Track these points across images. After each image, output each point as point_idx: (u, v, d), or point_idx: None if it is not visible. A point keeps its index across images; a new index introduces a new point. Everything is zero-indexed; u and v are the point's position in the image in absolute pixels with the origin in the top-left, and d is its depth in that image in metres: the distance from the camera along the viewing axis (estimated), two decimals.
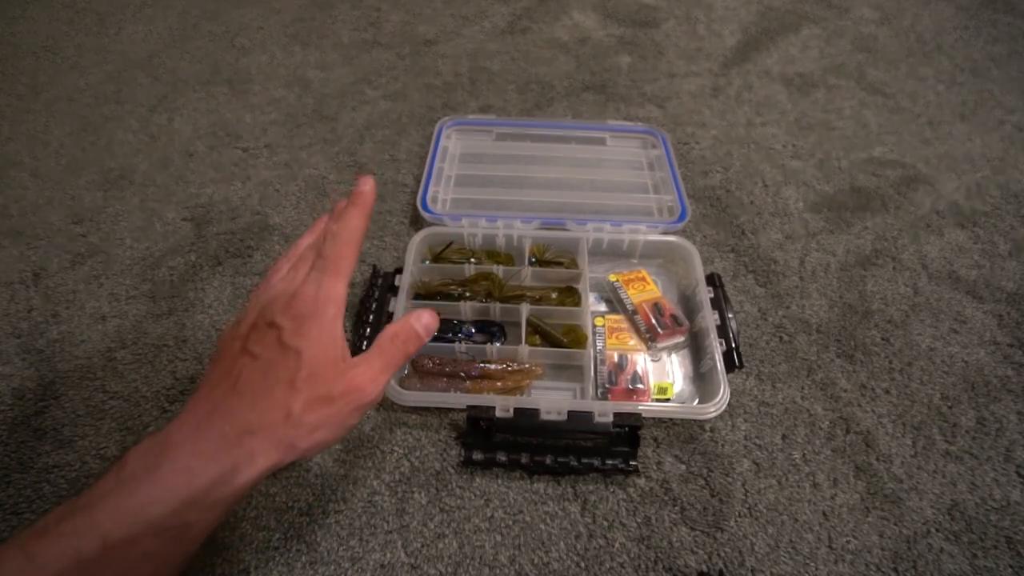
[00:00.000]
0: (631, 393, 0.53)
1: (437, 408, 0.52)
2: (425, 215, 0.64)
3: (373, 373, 0.35)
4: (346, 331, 0.55)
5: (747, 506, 0.47)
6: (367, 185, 0.39)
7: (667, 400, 0.53)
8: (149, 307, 0.59)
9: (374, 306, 0.56)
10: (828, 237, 0.67)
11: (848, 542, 0.45)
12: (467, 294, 0.58)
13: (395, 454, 0.49)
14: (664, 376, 0.55)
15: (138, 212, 0.69)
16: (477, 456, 0.48)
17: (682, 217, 0.64)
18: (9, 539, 0.28)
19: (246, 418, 0.31)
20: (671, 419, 0.52)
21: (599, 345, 0.56)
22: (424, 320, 0.38)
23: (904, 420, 0.53)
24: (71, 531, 0.27)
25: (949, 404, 0.54)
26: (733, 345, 0.53)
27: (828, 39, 0.97)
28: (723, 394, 0.49)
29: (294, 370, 0.32)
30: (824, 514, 0.47)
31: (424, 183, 0.67)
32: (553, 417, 0.47)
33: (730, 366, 0.52)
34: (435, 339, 0.56)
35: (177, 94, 0.84)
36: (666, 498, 0.48)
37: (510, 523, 0.46)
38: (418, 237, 0.60)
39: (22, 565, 0.26)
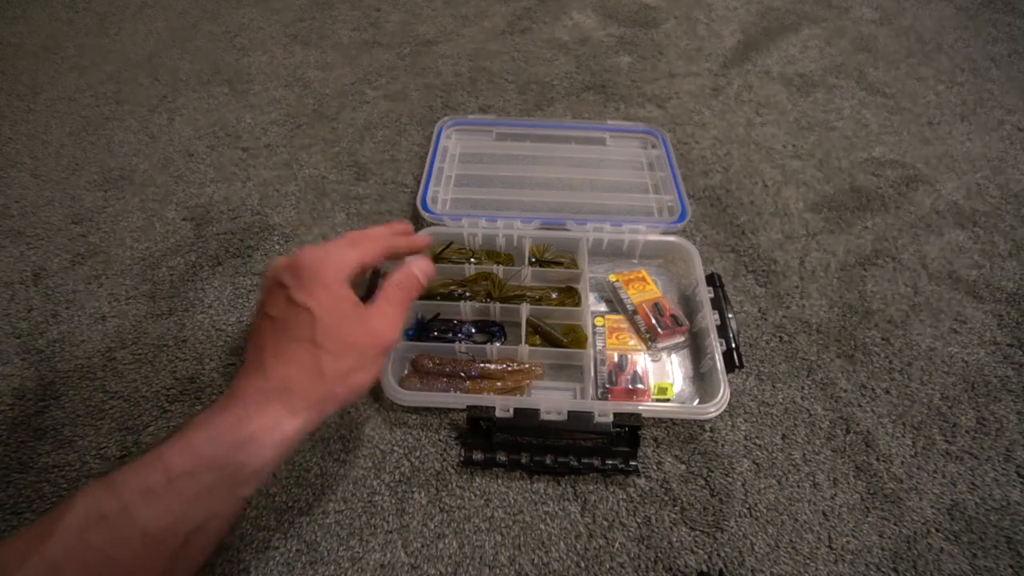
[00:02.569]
0: (631, 393, 0.53)
1: (437, 408, 0.52)
2: (425, 215, 0.64)
3: (388, 319, 0.39)
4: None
5: (747, 506, 0.47)
6: (422, 241, 0.46)
7: (667, 400, 0.53)
8: (149, 307, 0.59)
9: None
10: (828, 237, 0.67)
11: (848, 542, 0.45)
12: (467, 294, 0.58)
13: (395, 454, 0.49)
14: (664, 376, 0.55)
15: (138, 212, 0.69)
16: (477, 456, 0.48)
17: (682, 217, 0.64)
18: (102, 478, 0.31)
19: (278, 374, 0.34)
20: (671, 419, 0.52)
21: (599, 345, 0.56)
22: (421, 265, 0.42)
23: (904, 420, 0.53)
24: (141, 464, 0.31)
25: (949, 404, 0.54)
26: (733, 345, 0.53)
27: (828, 39, 0.97)
28: (723, 394, 0.49)
29: (311, 328, 0.35)
30: (824, 514, 0.47)
31: (424, 183, 0.67)
32: (553, 417, 0.47)
33: (730, 366, 0.52)
34: (435, 339, 0.56)
35: (177, 94, 0.84)
36: (666, 498, 0.48)
37: (510, 523, 0.46)
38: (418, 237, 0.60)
39: (102, 492, 0.30)
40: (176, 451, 0.32)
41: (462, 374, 0.53)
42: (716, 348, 0.52)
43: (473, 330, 0.57)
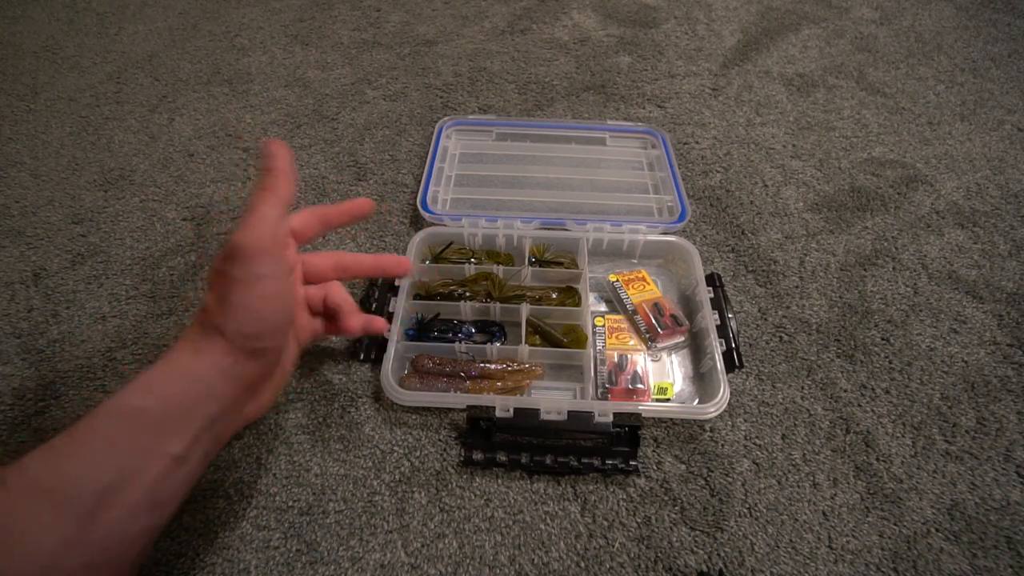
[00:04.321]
0: (631, 393, 0.53)
1: (437, 408, 0.52)
2: (425, 215, 0.64)
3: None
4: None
5: (747, 506, 0.47)
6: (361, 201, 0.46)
7: (667, 400, 0.53)
8: (149, 307, 0.59)
9: (374, 306, 0.56)
10: (828, 237, 0.67)
11: (848, 542, 0.45)
12: (467, 294, 0.58)
13: (395, 454, 0.49)
14: (664, 376, 0.55)
15: (138, 212, 0.69)
16: (477, 456, 0.48)
17: (682, 217, 0.64)
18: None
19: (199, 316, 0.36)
20: (671, 419, 0.52)
21: (599, 345, 0.56)
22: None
23: (904, 420, 0.53)
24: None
25: (949, 404, 0.54)
26: (733, 345, 0.53)
27: (828, 39, 0.97)
28: (723, 394, 0.49)
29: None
30: (824, 514, 0.47)
31: (424, 183, 0.67)
32: (553, 417, 0.47)
33: (730, 366, 0.52)
34: (435, 339, 0.56)
35: (177, 94, 0.84)
36: (666, 498, 0.48)
37: (510, 523, 0.46)
38: (418, 237, 0.60)
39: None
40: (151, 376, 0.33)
41: (462, 374, 0.53)
42: (716, 348, 0.52)
43: (473, 330, 0.57)
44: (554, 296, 0.59)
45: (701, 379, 0.54)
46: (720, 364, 0.51)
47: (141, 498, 0.31)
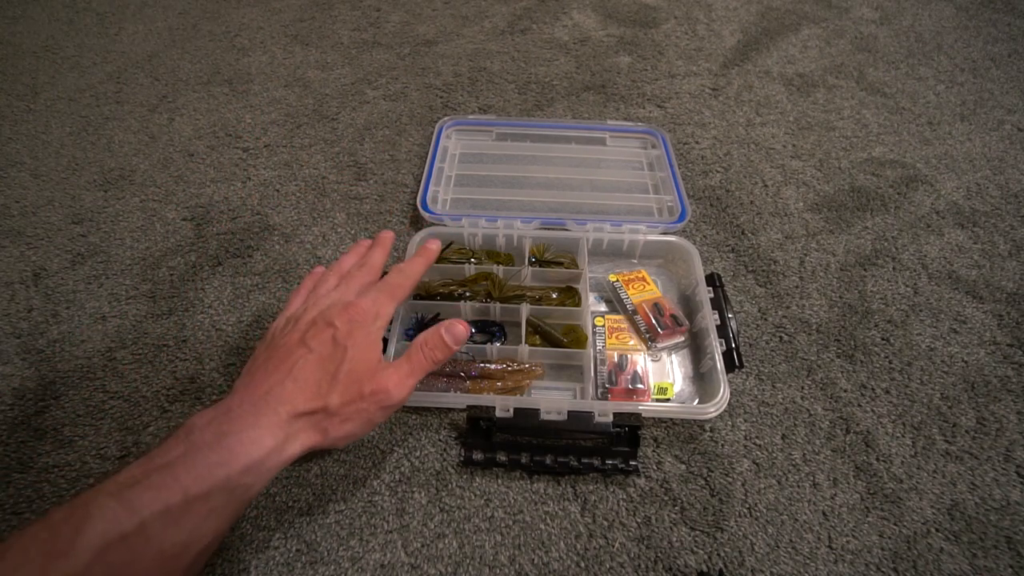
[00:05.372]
0: (631, 393, 0.53)
1: (437, 408, 0.52)
2: (425, 215, 0.64)
3: (400, 377, 0.40)
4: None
5: (747, 506, 0.47)
6: (435, 245, 0.51)
7: (667, 400, 0.53)
8: (149, 307, 0.59)
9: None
10: (828, 237, 0.67)
11: (848, 542, 0.45)
12: (467, 294, 0.58)
13: (395, 454, 0.50)
14: (664, 376, 0.55)
15: (138, 212, 0.69)
16: (477, 456, 0.48)
17: (682, 217, 0.64)
18: (98, 487, 0.31)
19: (296, 402, 0.36)
20: (671, 419, 0.52)
21: (599, 345, 0.56)
22: (455, 331, 0.43)
23: (904, 420, 0.53)
24: (158, 484, 0.32)
25: (949, 404, 0.54)
26: (733, 345, 0.53)
27: (828, 39, 0.97)
28: (723, 394, 0.49)
29: (339, 365, 0.38)
30: (824, 514, 0.47)
31: (424, 183, 0.67)
32: (553, 417, 0.47)
33: (730, 366, 0.52)
34: None
35: (177, 94, 0.84)
36: (666, 498, 0.48)
37: (510, 523, 0.46)
38: (418, 237, 0.60)
39: (118, 511, 0.30)
40: (191, 471, 0.32)
41: (462, 374, 0.53)
42: (716, 348, 0.52)
43: (473, 330, 0.57)
44: (554, 296, 0.59)
45: (701, 379, 0.54)
46: (720, 364, 0.51)
47: (215, 547, 0.35)
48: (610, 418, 0.47)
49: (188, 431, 0.34)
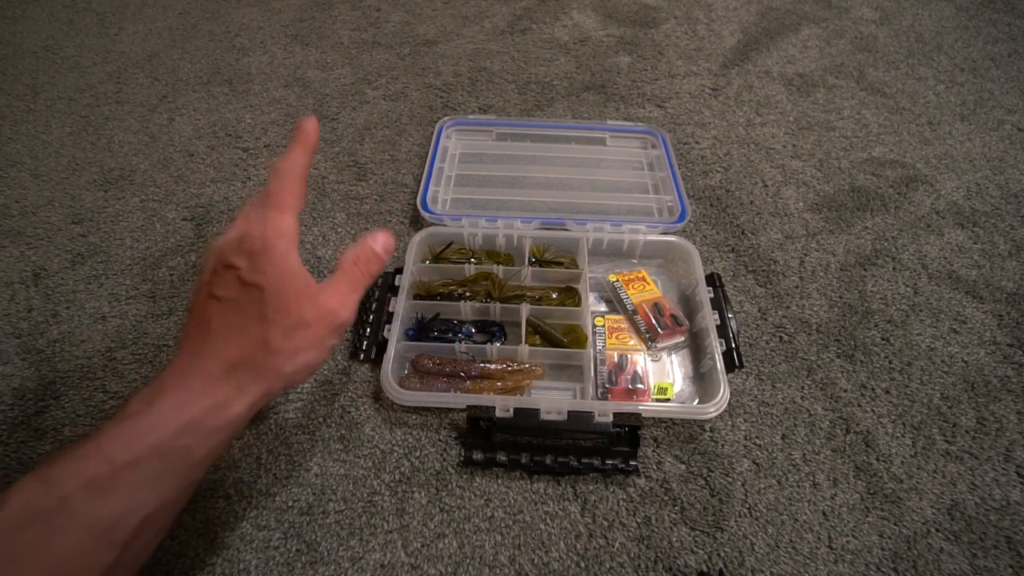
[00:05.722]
0: (631, 393, 0.53)
1: (437, 408, 0.52)
2: (425, 215, 0.64)
3: (342, 296, 0.37)
4: (346, 331, 0.55)
5: (747, 506, 0.47)
6: (310, 124, 0.41)
7: (667, 400, 0.53)
8: (149, 307, 0.59)
9: (374, 306, 0.56)
10: (828, 237, 0.67)
11: (848, 542, 0.45)
12: (467, 294, 0.58)
13: (395, 454, 0.49)
14: (664, 376, 0.55)
15: (138, 212, 0.69)
16: (477, 456, 0.48)
17: (682, 217, 0.64)
18: (29, 472, 0.30)
19: (226, 355, 0.34)
20: (671, 419, 0.52)
21: (599, 345, 0.56)
22: (381, 240, 0.40)
23: (904, 420, 0.53)
24: (81, 455, 0.30)
25: (949, 404, 0.54)
26: (733, 345, 0.53)
27: (828, 39, 0.97)
28: (723, 394, 0.49)
29: (260, 305, 0.34)
30: (824, 514, 0.47)
31: (424, 183, 0.67)
32: (553, 417, 0.47)
33: (730, 366, 0.52)
34: (435, 339, 0.56)
35: (177, 94, 0.84)
36: (666, 498, 0.48)
37: (510, 523, 0.46)
38: (418, 237, 0.60)
39: (37, 487, 0.29)
40: (117, 439, 0.31)
41: (462, 374, 0.53)
42: (716, 348, 0.52)
43: (473, 330, 0.57)
44: (554, 296, 0.59)
45: (701, 379, 0.54)
46: (720, 364, 0.51)
47: (167, 521, 0.34)
48: (610, 418, 0.47)
49: (124, 406, 0.33)
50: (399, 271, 0.58)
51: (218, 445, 0.34)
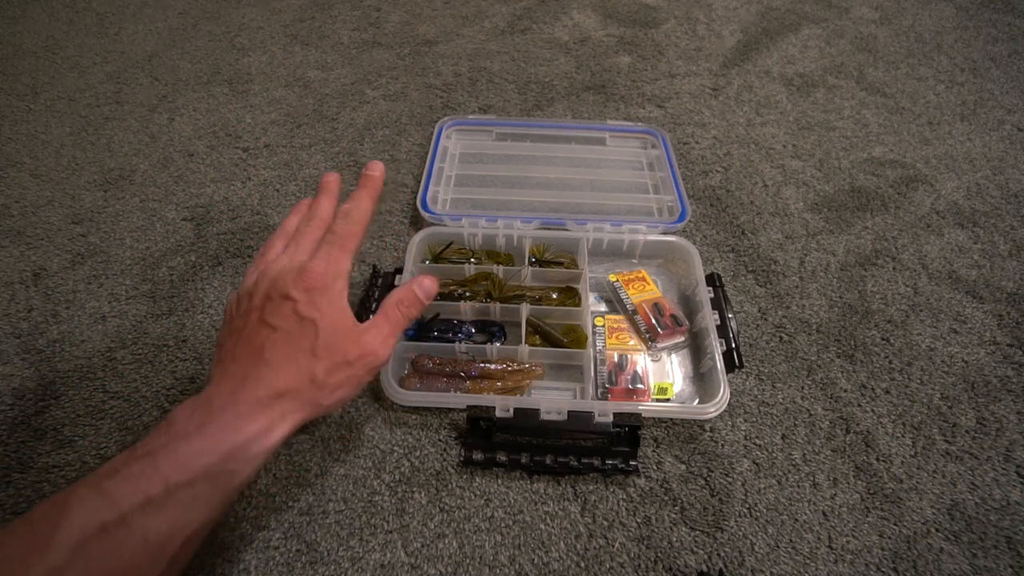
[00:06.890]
0: (631, 393, 0.53)
1: (437, 408, 0.52)
2: (425, 215, 0.64)
3: (382, 337, 0.39)
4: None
5: (747, 506, 0.47)
6: (377, 170, 0.44)
7: (667, 400, 0.53)
8: (149, 307, 0.59)
9: (374, 306, 0.56)
10: (828, 237, 0.67)
11: (848, 542, 0.45)
12: (467, 294, 0.58)
13: (395, 454, 0.49)
14: (664, 376, 0.55)
15: (138, 212, 0.69)
16: (477, 456, 0.48)
17: (682, 217, 0.64)
18: (80, 481, 0.31)
19: (275, 384, 0.35)
20: (671, 419, 0.52)
21: (599, 345, 0.56)
22: (425, 285, 0.42)
23: (904, 420, 0.53)
24: (139, 474, 0.31)
25: (949, 404, 0.54)
26: (733, 345, 0.53)
27: (828, 39, 0.97)
28: (723, 394, 0.49)
29: (313, 340, 0.36)
30: (824, 514, 0.47)
31: (424, 183, 0.67)
32: (553, 417, 0.47)
33: (730, 366, 0.52)
34: (435, 339, 0.56)
35: (177, 94, 0.84)
36: (666, 498, 0.48)
37: (510, 523, 0.46)
38: (418, 237, 0.60)
39: (97, 502, 0.30)
40: (173, 460, 0.32)
41: (462, 374, 0.53)
42: (716, 348, 0.52)
43: (473, 330, 0.57)
44: (554, 296, 0.59)
45: (701, 379, 0.54)
46: (720, 364, 0.51)
47: (204, 536, 0.36)
48: (610, 418, 0.47)
49: (170, 423, 0.34)
50: (399, 271, 0.58)
51: (256, 468, 0.35)
